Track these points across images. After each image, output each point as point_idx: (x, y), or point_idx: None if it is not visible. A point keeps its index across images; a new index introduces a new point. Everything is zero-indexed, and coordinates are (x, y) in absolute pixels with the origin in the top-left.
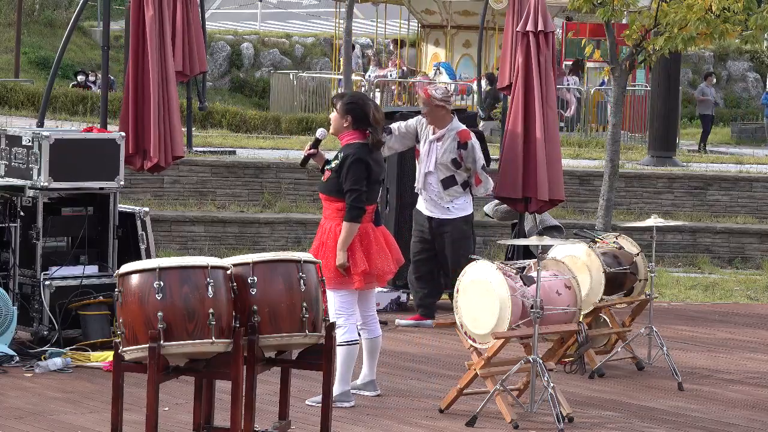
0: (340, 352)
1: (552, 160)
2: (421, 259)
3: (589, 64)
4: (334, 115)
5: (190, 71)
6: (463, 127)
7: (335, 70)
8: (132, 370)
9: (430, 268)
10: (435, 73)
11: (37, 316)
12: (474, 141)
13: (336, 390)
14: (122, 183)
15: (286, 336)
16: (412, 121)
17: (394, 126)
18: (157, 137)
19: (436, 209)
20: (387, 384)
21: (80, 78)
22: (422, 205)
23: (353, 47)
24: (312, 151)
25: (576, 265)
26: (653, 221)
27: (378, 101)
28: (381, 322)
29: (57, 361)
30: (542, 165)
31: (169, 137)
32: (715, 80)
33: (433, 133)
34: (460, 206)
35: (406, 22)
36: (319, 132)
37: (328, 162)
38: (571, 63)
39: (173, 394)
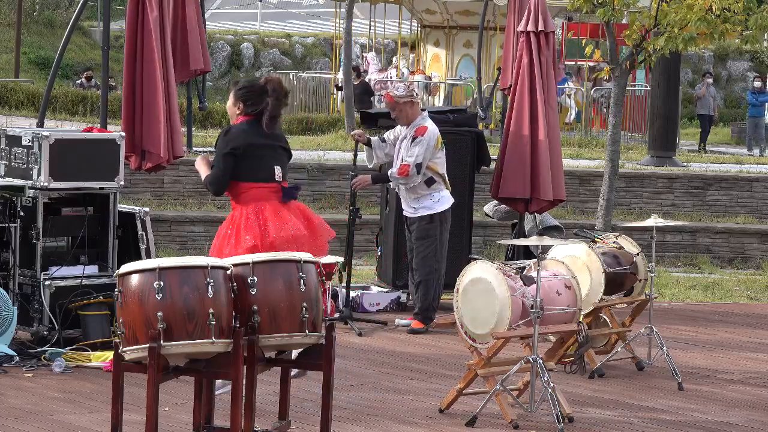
0: None
1: (553, 160)
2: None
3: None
4: (228, 104)
5: (190, 71)
6: (425, 124)
7: (335, 71)
8: (132, 370)
9: None
10: None
11: (37, 316)
12: (424, 138)
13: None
14: (122, 183)
15: (286, 336)
16: (399, 128)
17: (387, 134)
18: (164, 137)
19: (407, 207)
20: (387, 384)
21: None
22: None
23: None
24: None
25: (576, 265)
26: (653, 221)
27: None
28: (381, 322)
29: (61, 363)
30: (545, 165)
31: (171, 137)
32: (711, 80)
33: (402, 132)
34: (428, 206)
35: (407, 22)
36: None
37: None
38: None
39: (173, 394)
